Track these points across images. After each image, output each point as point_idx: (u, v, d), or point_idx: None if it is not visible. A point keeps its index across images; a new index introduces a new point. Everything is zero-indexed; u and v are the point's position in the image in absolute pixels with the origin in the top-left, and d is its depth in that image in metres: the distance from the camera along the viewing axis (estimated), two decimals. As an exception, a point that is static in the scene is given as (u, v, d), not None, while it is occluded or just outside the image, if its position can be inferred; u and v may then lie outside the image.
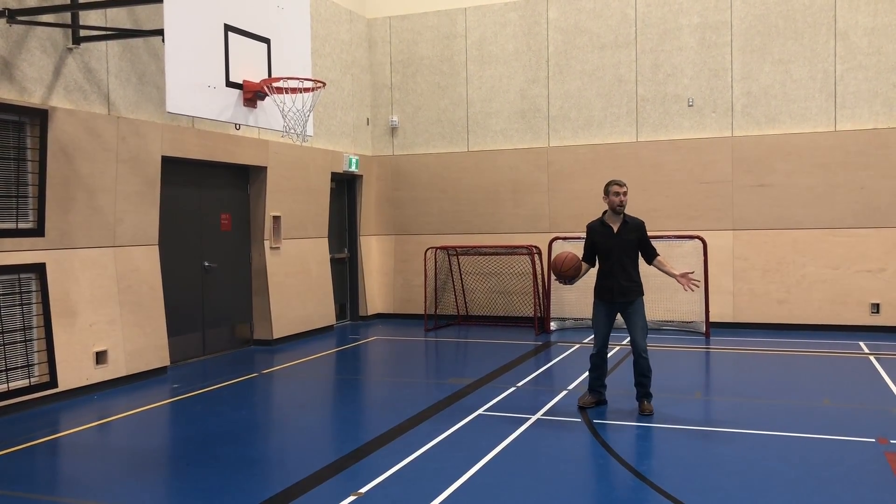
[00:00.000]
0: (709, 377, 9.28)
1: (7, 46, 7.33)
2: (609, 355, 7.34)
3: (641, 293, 7.15)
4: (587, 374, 7.34)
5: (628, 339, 7.24)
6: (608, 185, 7.16)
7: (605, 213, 7.21)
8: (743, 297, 11.93)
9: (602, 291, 7.11)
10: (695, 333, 11.52)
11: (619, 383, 8.25)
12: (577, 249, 7.51)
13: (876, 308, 11.31)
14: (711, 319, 11.52)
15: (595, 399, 7.22)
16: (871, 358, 9.52)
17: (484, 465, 5.59)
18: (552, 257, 8.06)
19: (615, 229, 7.09)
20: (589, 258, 7.23)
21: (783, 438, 6.24)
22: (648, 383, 7.03)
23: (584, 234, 7.44)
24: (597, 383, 7.22)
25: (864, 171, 11.34)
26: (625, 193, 7.11)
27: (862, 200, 11.36)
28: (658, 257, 7.24)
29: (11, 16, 7.15)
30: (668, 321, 11.96)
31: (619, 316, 7.15)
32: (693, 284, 7.09)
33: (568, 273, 7.02)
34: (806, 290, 11.64)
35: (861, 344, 10.45)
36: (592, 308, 7.23)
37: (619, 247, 7.03)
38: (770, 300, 11.81)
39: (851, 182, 11.40)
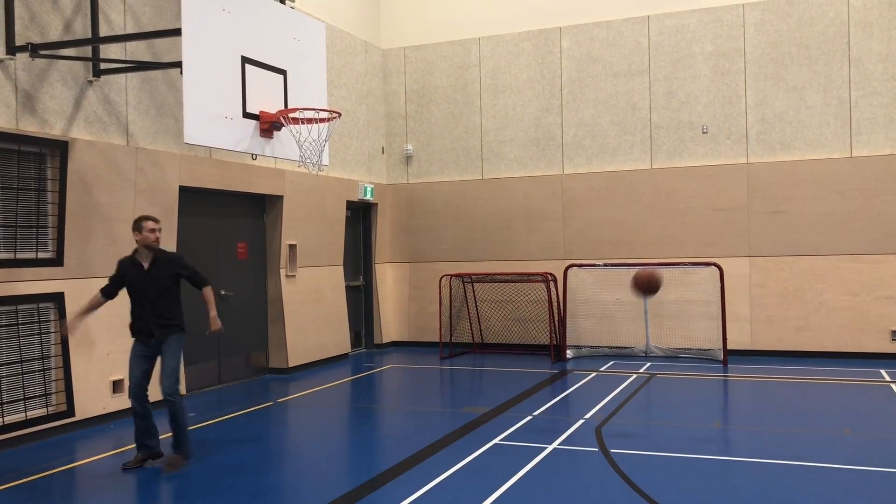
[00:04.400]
0: (727, 406, 9.18)
1: (29, 80, 7.47)
2: (627, 382, 7.27)
3: (180, 331, 6.68)
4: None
5: (646, 366, 7.17)
6: (142, 220, 6.61)
7: (135, 250, 6.65)
8: (760, 324, 11.83)
9: (136, 332, 6.60)
10: (712, 361, 11.42)
11: (637, 411, 8.20)
12: (592, 275, 7.47)
13: (896, 335, 11.19)
14: (729, 347, 11.42)
15: (144, 456, 6.54)
16: (893, 386, 9.39)
17: (500, 496, 5.54)
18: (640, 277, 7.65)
19: (145, 267, 6.59)
20: (113, 292, 6.68)
21: (804, 468, 6.15)
22: (178, 432, 6.49)
23: (599, 262, 7.40)
24: (142, 436, 6.55)
25: (882, 196, 11.27)
26: (160, 230, 6.65)
27: (880, 226, 11.28)
28: (206, 288, 6.77)
29: (34, 50, 7.29)
30: (685, 349, 11.87)
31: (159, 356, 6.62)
32: (215, 330, 6.71)
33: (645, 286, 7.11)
34: (824, 317, 11.53)
35: (882, 372, 10.31)
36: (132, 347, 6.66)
37: (150, 286, 6.55)
38: (788, 327, 11.70)
39: (869, 208, 11.33)
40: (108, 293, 6.68)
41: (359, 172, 13.18)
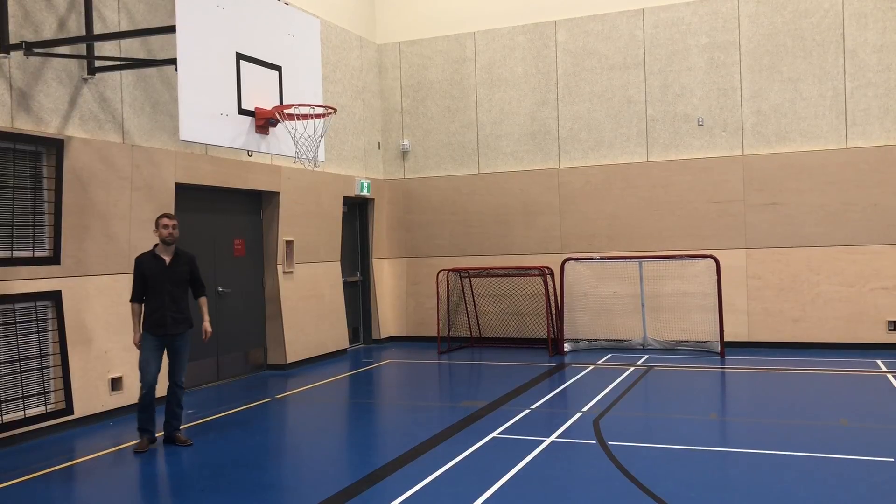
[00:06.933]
0: (724, 397, 9.21)
1: (24, 78, 7.46)
2: (624, 375, 7.30)
3: (191, 326, 7.23)
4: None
5: (643, 359, 7.19)
6: (158, 218, 7.14)
7: (156, 245, 7.15)
8: (757, 315, 11.86)
9: (153, 325, 6.99)
10: (709, 353, 11.45)
11: (634, 403, 8.22)
12: (589, 269, 7.48)
13: (893, 325, 11.20)
14: (726, 339, 11.44)
15: (150, 441, 7.06)
16: (889, 376, 9.43)
17: (498, 489, 5.57)
18: None
19: (167, 262, 7.08)
20: (143, 294, 7.07)
21: (800, 459, 6.19)
22: (181, 414, 7.22)
23: (596, 256, 7.41)
24: (149, 423, 7.04)
25: (877, 187, 11.30)
26: (174, 227, 7.08)
27: (875, 217, 11.31)
28: (203, 298, 7.38)
29: (28, 48, 7.27)
30: (682, 341, 11.90)
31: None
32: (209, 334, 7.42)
33: None
34: (821, 309, 11.56)
35: (878, 362, 10.35)
36: (141, 342, 7.02)
37: (170, 280, 7.04)
38: (785, 319, 11.73)
39: (864, 199, 11.35)
40: (140, 298, 7.10)
41: (355, 168, 13.18)
